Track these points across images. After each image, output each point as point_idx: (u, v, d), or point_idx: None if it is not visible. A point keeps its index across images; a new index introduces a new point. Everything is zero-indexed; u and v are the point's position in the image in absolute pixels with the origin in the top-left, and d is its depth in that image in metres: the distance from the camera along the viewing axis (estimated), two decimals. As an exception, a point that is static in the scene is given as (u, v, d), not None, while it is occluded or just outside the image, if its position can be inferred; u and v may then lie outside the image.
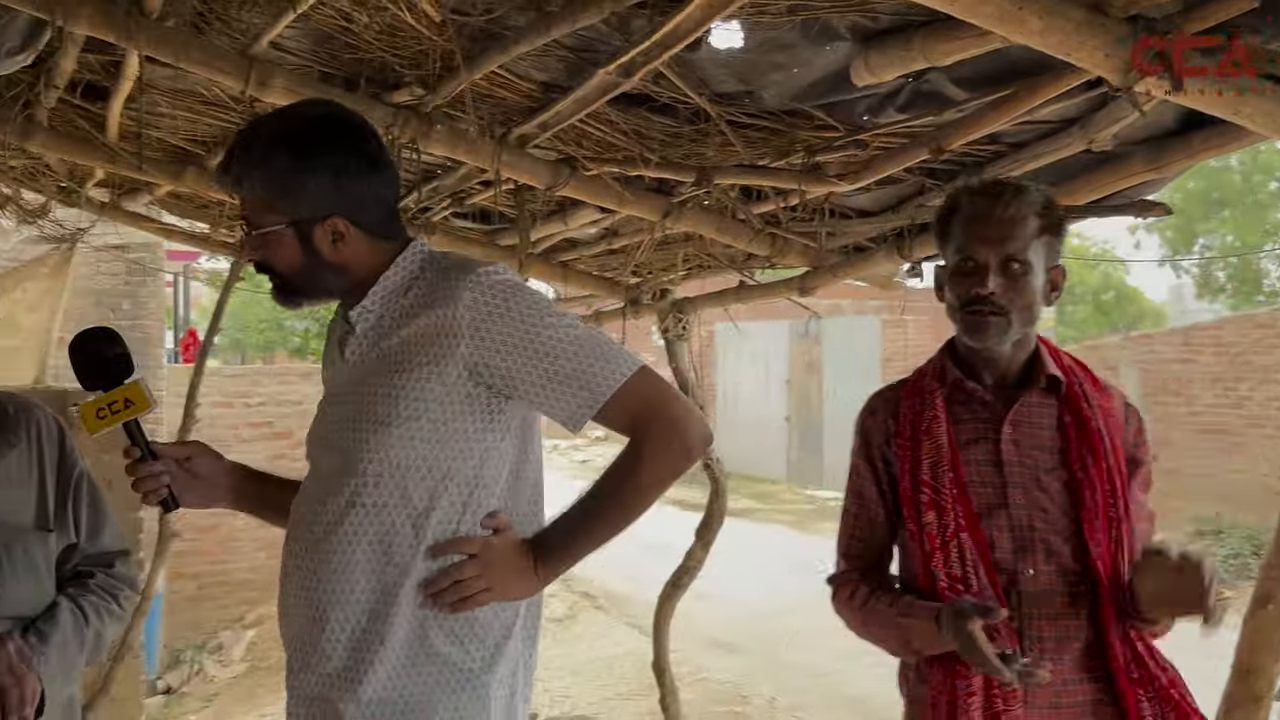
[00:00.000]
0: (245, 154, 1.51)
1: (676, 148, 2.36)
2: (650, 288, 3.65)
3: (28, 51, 2.35)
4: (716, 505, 3.50)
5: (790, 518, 13.58)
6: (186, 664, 8.22)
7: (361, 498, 1.49)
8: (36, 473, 1.82)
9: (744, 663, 7.61)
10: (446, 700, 1.50)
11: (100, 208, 3.95)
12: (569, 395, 1.49)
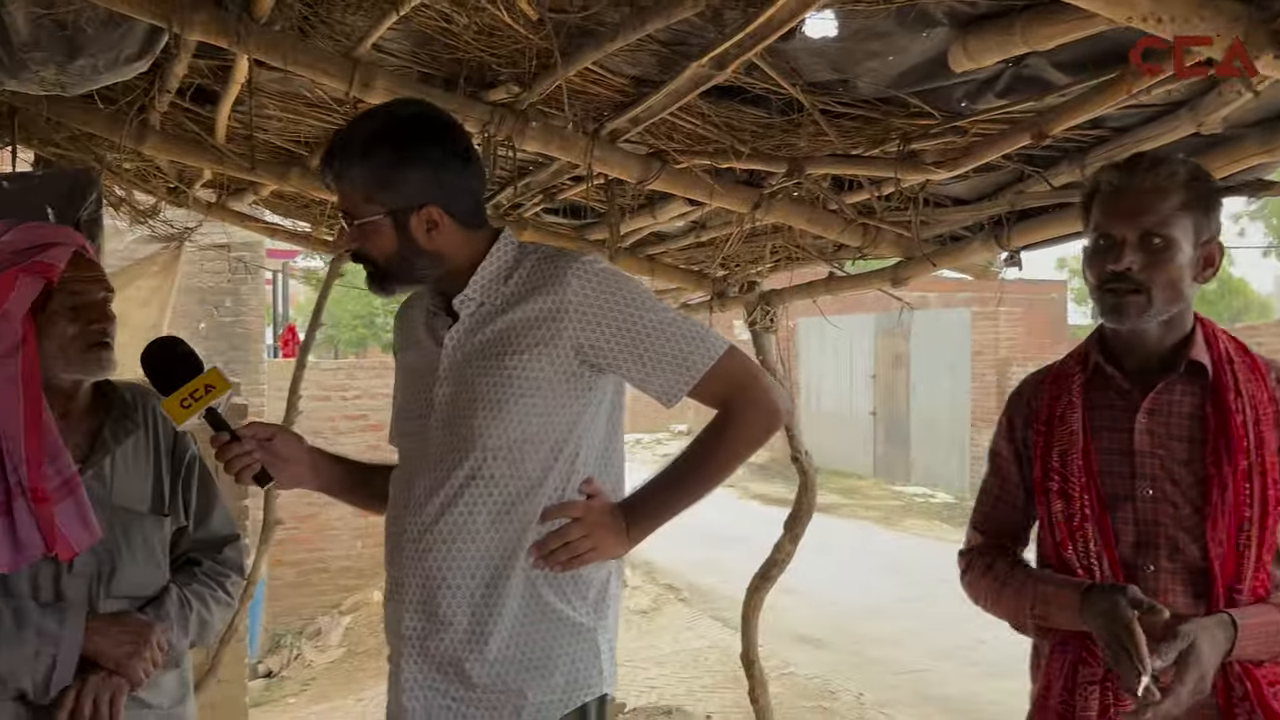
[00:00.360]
0: (347, 150, 1.61)
1: (768, 139, 2.35)
2: (737, 280, 3.65)
3: (145, 58, 2.46)
4: (806, 498, 3.49)
5: (877, 514, 13.42)
6: (286, 649, 8.51)
7: (480, 472, 1.60)
8: (153, 458, 1.91)
9: (831, 658, 7.56)
10: (564, 652, 1.64)
11: (207, 208, 4.11)
12: (667, 373, 1.63)
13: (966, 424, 14.99)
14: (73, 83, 2.50)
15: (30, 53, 2.37)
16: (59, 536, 1.71)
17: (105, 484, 1.82)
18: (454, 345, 1.66)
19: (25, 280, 1.72)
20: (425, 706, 1.63)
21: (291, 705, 7.45)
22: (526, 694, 1.61)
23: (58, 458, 1.74)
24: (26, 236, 1.78)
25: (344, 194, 1.63)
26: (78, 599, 1.76)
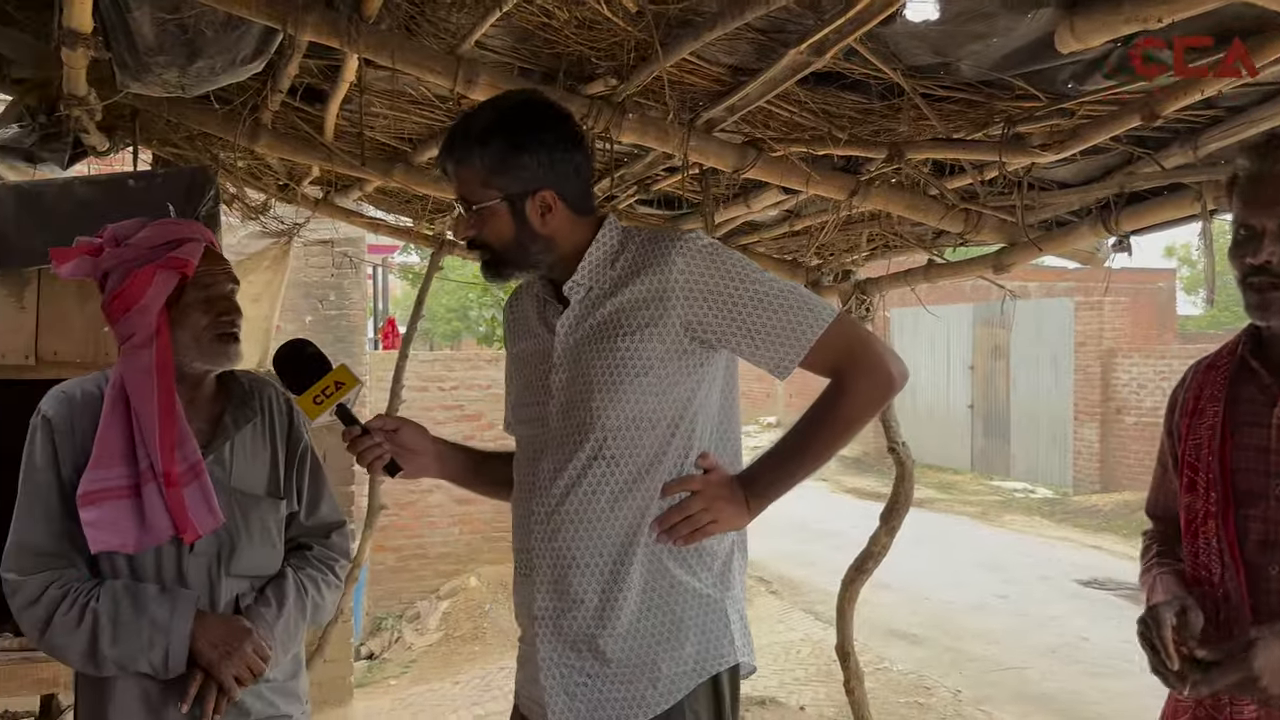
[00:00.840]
0: (465, 138, 1.66)
1: (866, 124, 2.33)
2: (832, 269, 3.62)
3: (259, 59, 2.57)
4: (903, 490, 3.44)
5: (974, 509, 13.13)
6: (387, 631, 8.75)
7: (602, 452, 1.64)
8: (269, 444, 2.00)
9: (926, 654, 7.44)
10: (694, 623, 1.66)
11: (314, 204, 4.25)
12: (776, 344, 1.64)
13: (1069, 418, 14.55)
14: (192, 84, 2.62)
15: (154, 56, 2.49)
16: (186, 520, 1.80)
17: (225, 468, 1.91)
18: (566, 331, 1.69)
19: (162, 275, 1.82)
20: (563, 684, 1.66)
21: (393, 687, 7.66)
22: (660, 666, 1.64)
23: (185, 444, 1.83)
24: (161, 232, 1.88)
25: (462, 181, 1.67)
26: (198, 580, 1.85)
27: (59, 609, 1.75)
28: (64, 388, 1.90)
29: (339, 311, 8.43)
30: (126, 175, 3.05)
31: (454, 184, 1.70)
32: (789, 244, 3.67)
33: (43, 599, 1.76)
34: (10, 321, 2.81)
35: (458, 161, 1.67)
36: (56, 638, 1.76)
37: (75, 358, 2.83)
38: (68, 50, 2.43)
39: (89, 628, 1.74)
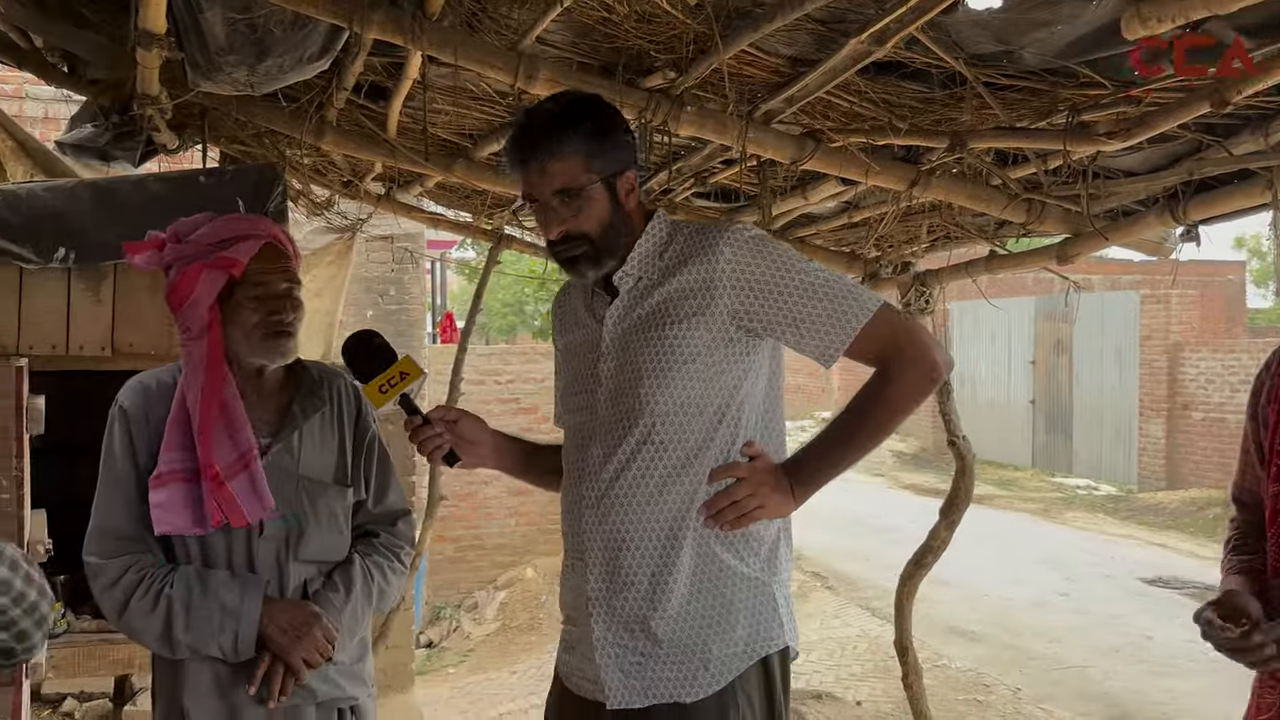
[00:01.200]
0: (554, 128, 1.67)
1: (927, 114, 2.31)
2: (891, 261, 3.58)
3: (325, 57, 2.62)
4: (963, 484, 3.40)
5: (1035, 506, 12.91)
6: (445, 620, 8.89)
7: (650, 437, 1.68)
8: (337, 433, 2.04)
9: (985, 652, 7.35)
10: (743, 606, 1.70)
11: (377, 200, 4.33)
12: (822, 333, 1.67)
13: (1134, 413, 14.23)
14: (260, 82, 2.69)
15: (225, 56, 2.56)
16: (234, 508, 1.85)
17: (294, 456, 1.95)
18: (614, 321, 1.73)
19: (210, 274, 1.87)
20: (618, 663, 1.70)
21: (451, 675, 7.78)
22: (711, 648, 1.67)
23: (238, 433, 1.88)
24: (218, 230, 1.92)
25: (558, 172, 1.66)
26: (267, 565, 1.90)
27: (135, 593, 1.81)
28: (140, 378, 1.97)
29: (399, 306, 8.56)
30: (198, 172, 3.14)
31: (544, 179, 1.67)
32: (847, 236, 3.64)
33: (121, 582, 1.82)
34: (88, 314, 2.91)
35: (551, 153, 1.66)
36: (134, 621, 1.83)
37: (149, 349, 2.92)
38: (142, 51, 2.51)
39: (163, 612, 1.81)
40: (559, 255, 1.74)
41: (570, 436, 1.83)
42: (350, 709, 2.00)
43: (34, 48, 3.49)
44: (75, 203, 2.88)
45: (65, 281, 2.90)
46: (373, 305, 8.39)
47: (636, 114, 2.40)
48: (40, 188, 2.95)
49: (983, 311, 16.56)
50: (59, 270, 2.88)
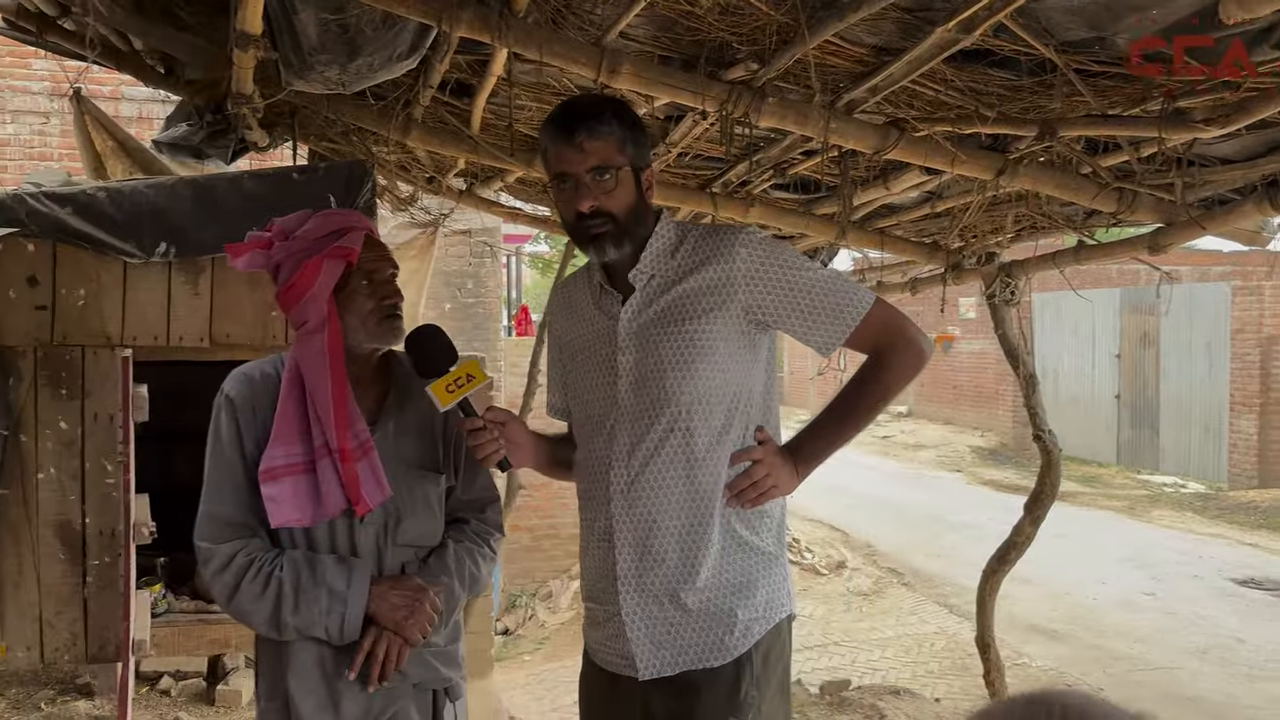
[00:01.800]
0: (600, 109, 1.83)
1: (1016, 102, 2.27)
2: (975, 251, 3.52)
3: (414, 56, 2.68)
4: (1049, 479, 3.33)
5: (1120, 503, 12.56)
6: (521, 608, 9.00)
7: (677, 425, 1.82)
8: (430, 421, 2.08)
9: (1067, 651, 7.20)
10: (761, 577, 1.87)
11: (458, 195, 4.40)
12: (826, 325, 1.84)
13: (1224, 409, 13.73)
14: (351, 81, 2.76)
15: (317, 55, 2.63)
16: (358, 493, 1.91)
17: (391, 443, 2.00)
18: (630, 316, 1.87)
19: (329, 264, 1.93)
20: (649, 634, 1.83)
21: (527, 662, 7.89)
22: (736, 614, 1.82)
23: (355, 422, 1.94)
24: (325, 223, 1.98)
25: (599, 147, 1.79)
26: (367, 550, 1.96)
27: (245, 577, 1.87)
28: (244, 369, 2.03)
29: (476, 299, 8.69)
30: (291, 169, 3.24)
31: (581, 155, 1.79)
32: (928, 226, 3.59)
33: (231, 566, 1.88)
34: (187, 307, 3.04)
35: (592, 131, 1.79)
36: (244, 604, 1.89)
37: (246, 340, 3.03)
38: (239, 51, 2.59)
39: (273, 595, 1.86)
40: (585, 231, 1.83)
41: (587, 426, 1.94)
42: (445, 691, 2.05)
43: (133, 50, 3.63)
44: (175, 200, 3.00)
45: (166, 275, 3.02)
46: (450, 299, 8.54)
47: (718, 106, 2.40)
48: (142, 185, 3.08)
49: (1065, 304, 16.14)
50: (160, 264, 3.00)
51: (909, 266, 4.16)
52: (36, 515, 2.99)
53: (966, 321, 18.30)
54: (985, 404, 17.59)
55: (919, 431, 18.74)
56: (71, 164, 8.08)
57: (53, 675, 5.15)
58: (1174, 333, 14.68)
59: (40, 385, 2.98)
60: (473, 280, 8.63)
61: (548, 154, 1.88)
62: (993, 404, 17.40)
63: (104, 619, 3.04)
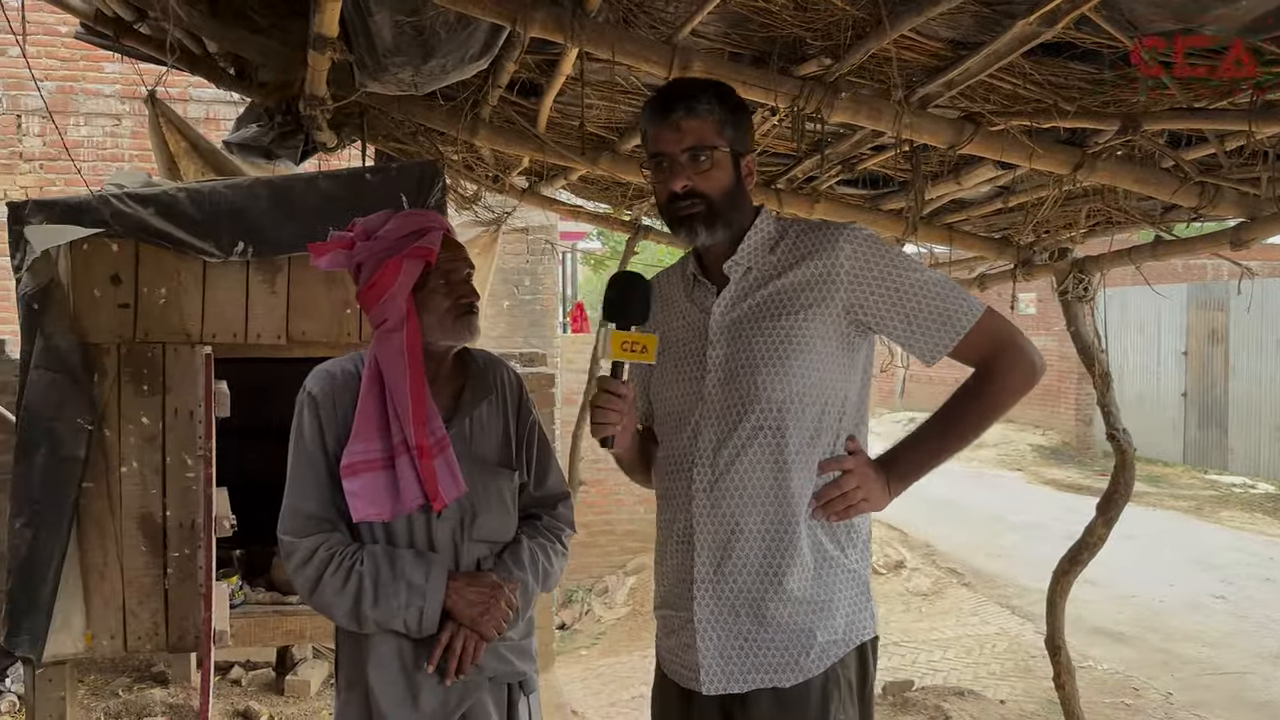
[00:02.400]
0: (703, 88, 1.79)
1: (1097, 95, 2.23)
2: (1047, 246, 3.46)
3: (485, 57, 2.70)
4: (1122, 479, 3.26)
5: (1187, 504, 12.27)
6: (577, 604, 9.06)
7: (765, 424, 1.73)
8: (502, 419, 2.11)
9: (1133, 654, 7.05)
10: (843, 595, 1.77)
11: (521, 194, 4.44)
12: (932, 331, 1.73)
13: (1297, 408, 13.34)
14: (424, 82, 2.79)
15: (391, 57, 2.67)
16: (435, 489, 1.93)
17: (466, 441, 2.04)
18: (724, 309, 1.79)
19: (409, 264, 1.96)
20: (718, 646, 1.74)
21: (584, 657, 7.94)
22: (815, 633, 1.72)
23: (433, 419, 1.97)
24: (405, 224, 2.01)
25: (696, 126, 1.74)
26: (444, 544, 1.99)
27: (327, 570, 1.91)
28: (327, 367, 2.07)
29: (533, 296, 8.75)
30: (364, 170, 3.29)
31: (678, 135, 1.75)
32: (998, 221, 3.54)
33: (313, 560, 1.92)
34: (265, 305, 3.10)
35: (691, 110, 1.74)
36: (325, 597, 1.92)
37: (322, 337, 3.09)
38: (314, 53, 2.64)
39: (353, 589, 1.90)
40: (676, 211, 1.77)
41: (669, 422, 1.86)
42: (519, 684, 2.07)
43: (206, 53, 3.71)
44: (253, 200, 3.07)
45: (244, 274, 3.10)
46: (509, 295, 8.61)
47: (789, 101, 2.39)
48: (221, 185, 3.15)
49: (1131, 299, 15.79)
50: (238, 263, 3.08)
51: (976, 262, 4.10)
52: (120, 508, 3.08)
53: (1027, 317, 17.99)
54: (1047, 401, 17.27)
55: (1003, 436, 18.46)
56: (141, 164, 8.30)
57: (129, 663, 5.30)
58: (1244, 329, 14.29)
59: (123, 381, 3.07)
60: (530, 277, 8.69)
61: (646, 135, 1.82)
62: (1055, 401, 17.08)
63: (183, 609, 3.13)
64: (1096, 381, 3.19)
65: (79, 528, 3.05)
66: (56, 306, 3.01)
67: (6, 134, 8.35)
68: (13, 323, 7.59)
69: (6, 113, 8.34)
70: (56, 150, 8.36)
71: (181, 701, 4.91)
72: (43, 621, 2.99)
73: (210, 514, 2.94)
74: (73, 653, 3.08)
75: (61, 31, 7.56)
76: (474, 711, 1.99)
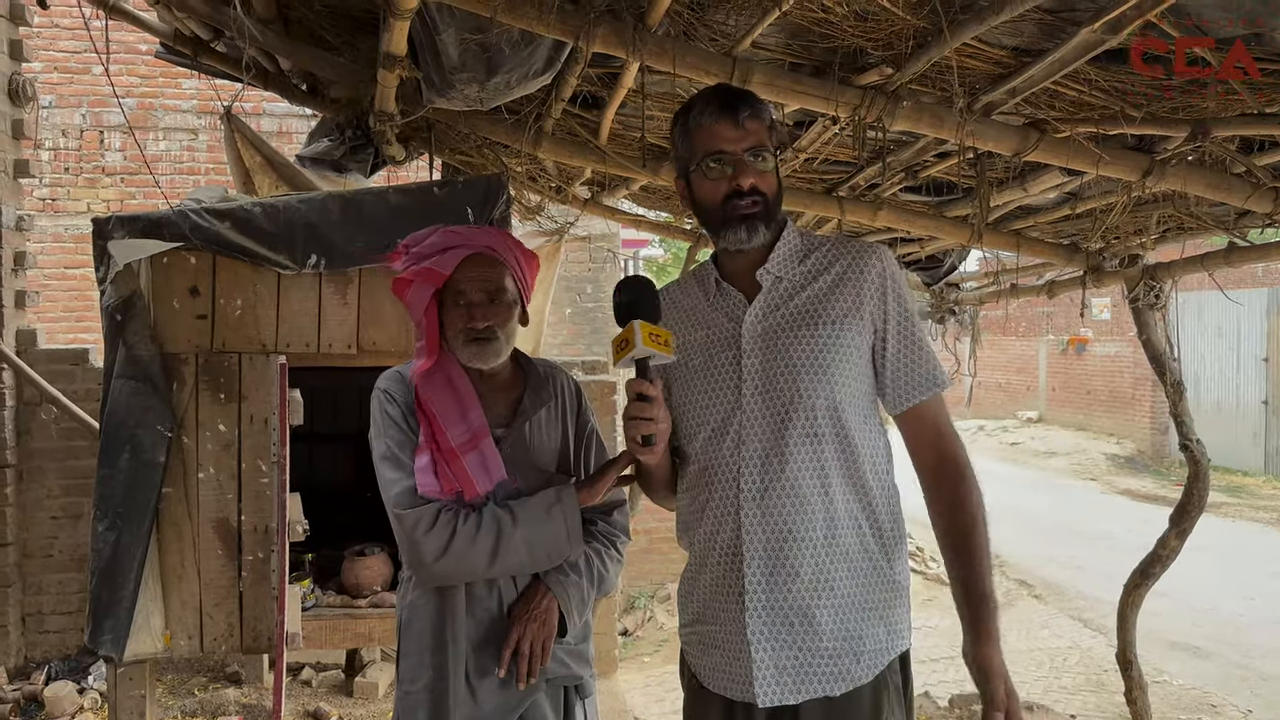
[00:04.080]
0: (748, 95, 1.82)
1: (1165, 101, 2.19)
2: (1116, 253, 3.39)
3: (549, 72, 2.75)
4: (1196, 490, 3.18)
5: (1269, 514, 11.85)
6: (640, 610, 9.07)
7: (811, 431, 1.74)
8: (560, 425, 2.15)
9: (1211, 669, 6.83)
10: (887, 604, 1.76)
11: (583, 204, 4.48)
12: (906, 378, 1.78)
13: (1387, 415, 12.81)
14: (489, 98, 2.85)
15: (458, 74, 2.74)
16: (466, 480, 1.98)
17: (525, 446, 2.07)
18: (756, 318, 1.80)
19: (418, 284, 2.02)
20: (774, 657, 1.72)
21: (646, 664, 7.94)
22: (864, 640, 1.72)
23: (469, 413, 2.02)
24: (440, 240, 2.05)
25: (758, 128, 1.77)
26: None
27: (457, 524, 1.93)
28: (396, 369, 2.15)
29: (595, 304, 8.82)
30: (432, 184, 3.36)
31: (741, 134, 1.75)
32: (1066, 228, 3.48)
33: (440, 520, 1.93)
34: (337, 316, 3.19)
35: (754, 111, 1.77)
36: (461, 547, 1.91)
37: (390, 347, 3.16)
38: (384, 71, 2.72)
39: (492, 525, 1.93)
40: (735, 210, 1.77)
41: (704, 433, 1.81)
42: (575, 688, 2.10)
43: (279, 70, 3.84)
44: (325, 213, 3.16)
45: (317, 286, 3.18)
46: (570, 304, 8.68)
47: (851, 111, 2.39)
48: (294, 200, 3.24)
49: (1207, 304, 15.33)
50: (311, 275, 3.16)
51: (1044, 269, 4.03)
52: (197, 512, 3.19)
53: (1100, 323, 17.57)
54: (1120, 409, 16.84)
55: (1050, 438, 18.05)
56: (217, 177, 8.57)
57: (205, 664, 5.46)
58: (1329, 334, 13.79)
59: (201, 390, 3.18)
60: (591, 285, 8.76)
61: (699, 134, 1.78)
62: (1128, 409, 16.64)
63: (257, 611, 3.22)
64: (1169, 390, 3.12)
65: (158, 531, 3.16)
66: (138, 318, 3.13)
67: (90, 149, 8.68)
68: (97, 332, 7.91)
69: (90, 129, 8.67)
70: (136, 164, 8.67)
71: (254, 701, 5.04)
72: (124, 621, 3.10)
73: (284, 519, 3.03)
74: (152, 652, 3.19)
75: (142, 50, 7.85)
76: (531, 713, 2.02)
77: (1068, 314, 19.28)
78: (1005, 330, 21.56)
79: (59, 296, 8.31)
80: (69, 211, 8.51)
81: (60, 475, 5.44)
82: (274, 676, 2.98)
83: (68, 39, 8.50)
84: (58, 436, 5.41)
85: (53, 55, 8.43)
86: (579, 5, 2.30)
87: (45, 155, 8.40)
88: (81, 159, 8.63)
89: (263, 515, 3.20)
